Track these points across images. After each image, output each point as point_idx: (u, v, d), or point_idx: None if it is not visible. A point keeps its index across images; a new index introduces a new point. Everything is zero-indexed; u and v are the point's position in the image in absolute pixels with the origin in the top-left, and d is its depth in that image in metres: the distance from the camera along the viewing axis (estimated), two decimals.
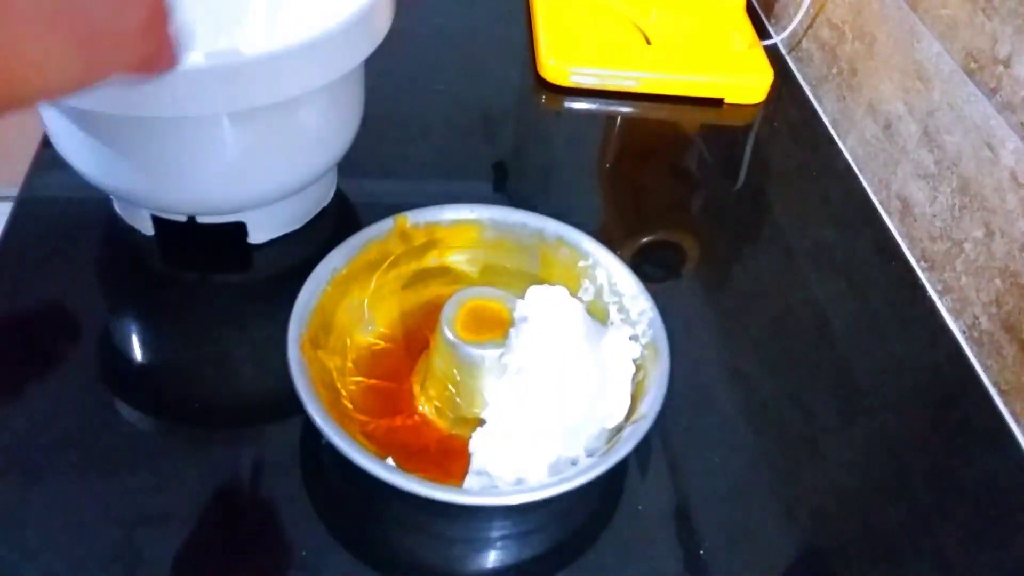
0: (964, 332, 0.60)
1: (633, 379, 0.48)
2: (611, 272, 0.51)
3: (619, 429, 0.46)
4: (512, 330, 0.47)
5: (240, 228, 0.57)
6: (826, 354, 0.57)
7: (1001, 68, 0.56)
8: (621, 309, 0.50)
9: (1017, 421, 0.54)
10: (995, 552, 0.48)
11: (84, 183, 0.53)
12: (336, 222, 0.61)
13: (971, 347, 0.59)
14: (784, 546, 0.47)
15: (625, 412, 0.46)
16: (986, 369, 0.57)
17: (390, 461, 0.42)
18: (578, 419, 0.46)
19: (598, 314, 0.52)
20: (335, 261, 0.49)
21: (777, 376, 0.56)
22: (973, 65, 0.59)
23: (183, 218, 0.56)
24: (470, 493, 0.43)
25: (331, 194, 0.62)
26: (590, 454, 0.45)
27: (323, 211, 0.61)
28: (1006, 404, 0.55)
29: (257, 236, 0.58)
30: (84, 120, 0.48)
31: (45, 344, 0.52)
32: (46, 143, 0.61)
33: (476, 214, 0.53)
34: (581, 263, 0.52)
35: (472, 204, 0.54)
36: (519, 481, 0.44)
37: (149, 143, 0.49)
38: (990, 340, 0.57)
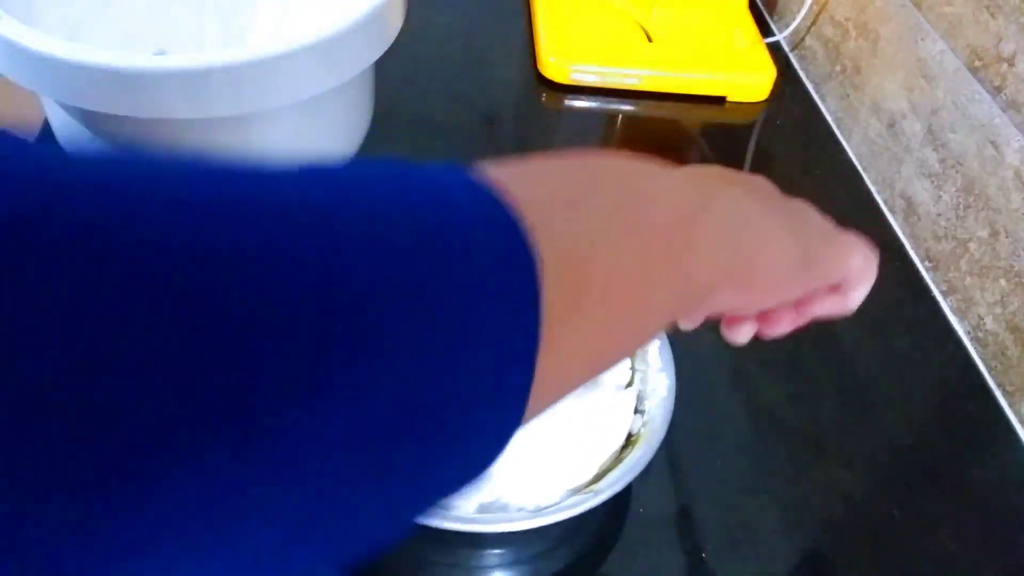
0: (969, 332, 0.59)
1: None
2: None
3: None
4: None
5: None
6: (829, 354, 0.57)
7: (1005, 66, 0.56)
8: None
9: (1022, 422, 0.54)
10: (999, 553, 0.48)
11: None
12: None
13: (976, 347, 0.58)
14: (786, 547, 0.47)
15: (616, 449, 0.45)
16: (991, 370, 0.57)
17: None
18: (575, 448, 0.45)
19: None
20: None
21: (779, 376, 0.55)
22: (977, 63, 0.59)
23: None
24: (467, 520, 0.41)
25: None
26: (596, 477, 0.44)
27: None
28: (1011, 405, 0.55)
29: None
30: (92, 121, 0.48)
31: None
32: (41, 140, 0.61)
33: None
34: None
35: None
36: (521, 507, 0.42)
37: (159, 144, 0.48)
38: (995, 340, 0.57)
